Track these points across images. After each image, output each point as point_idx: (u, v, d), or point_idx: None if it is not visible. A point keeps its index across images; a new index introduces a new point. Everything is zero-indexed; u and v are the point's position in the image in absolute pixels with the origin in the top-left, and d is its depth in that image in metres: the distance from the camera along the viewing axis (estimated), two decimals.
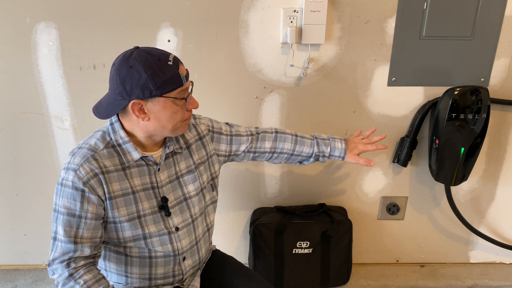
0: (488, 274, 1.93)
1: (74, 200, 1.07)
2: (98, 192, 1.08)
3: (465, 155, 1.62)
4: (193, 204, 1.24)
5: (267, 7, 1.51)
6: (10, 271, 1.94)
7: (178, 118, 1.10)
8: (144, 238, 1.16)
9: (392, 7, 1.52)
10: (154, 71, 1.02)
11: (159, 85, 1.03)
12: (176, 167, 1.22)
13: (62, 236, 1.08)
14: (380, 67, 1.61)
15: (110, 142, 1.12)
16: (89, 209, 1.07)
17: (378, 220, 1.89)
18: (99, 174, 1.08)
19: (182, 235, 1.22)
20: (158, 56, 1.04)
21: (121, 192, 1.12)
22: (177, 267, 1.24)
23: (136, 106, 1.06)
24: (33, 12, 1.51)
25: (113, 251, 1.19)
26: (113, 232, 1.14)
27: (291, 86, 1.63)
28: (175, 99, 1.07)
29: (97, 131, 1.16)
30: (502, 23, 1.54)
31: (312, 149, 1.40)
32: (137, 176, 1.14)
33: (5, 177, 1.78)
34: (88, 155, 1.08)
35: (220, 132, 1.34)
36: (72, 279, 1.07)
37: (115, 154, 1.12)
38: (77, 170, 1.06)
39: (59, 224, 1.08)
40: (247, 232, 1.85)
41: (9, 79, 1.60)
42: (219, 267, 1.39)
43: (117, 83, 1.05)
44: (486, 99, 1.56)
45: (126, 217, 1.12)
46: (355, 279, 1.89)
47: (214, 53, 1.57)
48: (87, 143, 1.12)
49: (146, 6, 1.50)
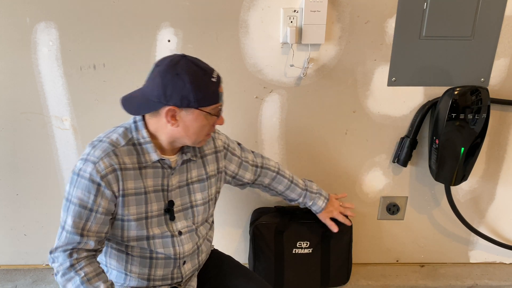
0: (488, 274, 1.93)
1: (88, 193, 1.07)
2: (113, 188, 1.08)
3: (465, 155, 1.62)
4: (198, 212, 1.25)
5: (267, 7, 1.51)
6: (10, 271, 1.94)
7: (204, 131, 1.13)
8: (147, 239, 1.16)
9: (392, 7, 1.52)
10: (198, 84, 1.04)
11: (199, 98, 1.05)
12: (188, 174, 1.23)
13: (70, 226, 1.08)
14: (380, 67, 1.61)
15: (131, 139, 1.13)
16: (101, 204, 1.08)
17: (378, 220, 1.89)
18: (117, 170, 1.08)
19: (185, 240, 1.23)
20: (204, 70, 1.07)
21: (134, 191, 1.12)
22: (176, 270, 1.24)
23: (170, 112, 1.07)
24: (33, 12, 1.51)
25: (115, 248, 1.19)
26: (119, 229, 1.14)
27: (291, 86, 1.63)
28: (208, 114, 1.09)
29: (119, 126, 1.16)
30: (502, 23, 1.54)
31: (298, 198, 1.54)
32: (151, 177, 1.15)
33: (5, 177, 1.78)
34: (109, 149, 1.09)
35: (233, 153, 1.38)
36: (73, 270, 1.07)
37: (135, 152, 1.12)
38: (96, 163, 1.06)
39: (69, 214, 1.08)
40: (247, 232, 1.85)
41: (9, 79, 1.60)
42: (217, 267, 1.39)
43: (158, 86, 1.05)
44: (486, 99, 1.56)
45: (135, 216, 1.13)
46: (355, 279, 1.89)
47: (214, 53, 1.57)
48: (108, 137, 1.12)
49: (146, 6, 1.50)
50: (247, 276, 1.36)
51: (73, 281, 1.07)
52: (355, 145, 1.74)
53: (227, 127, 1.68)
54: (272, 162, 1.51)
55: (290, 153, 1.75)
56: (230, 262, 1.42)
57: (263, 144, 1.73)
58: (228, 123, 1.68)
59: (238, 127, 1.69)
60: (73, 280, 1.07)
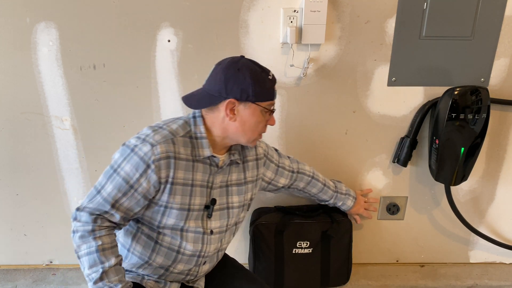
0: (488, 274, 1.93)
1: (135, 170, 1.10)
2: (161, 173, 1.11)
3: (465, 155, 1.62)
4: (233, 214, 1.29)
5: (267, 7, 1.51)
6: (10, 271, 1.94)
7: (259, 128, 1.17)
8: (181, 230, 1.19)
9: (392, 7, 1.52)
10: (257, 79, 1.12)
11: (257, 93, 1.12)
12: (229, 176, 1.26)
13: (106, 193, 1.11)
14: (380, 67, 1.61)
15: (189, 132, 1.17)
16: (142, 185, 1.11)
17: (378, 220, 1.89)
18: (171, 158, 1.12)
19: (214, 240, 1.26)
20: (262, 69, 1.15)
21: (183, 181, 1.15)
22: (194, 268, 1.27)
23: (230, 105, 1.12)
24: (33, 12, 1.51)
25: (145, 234, 1.21)
26: (159, 214, 1.17)
27: (291, 86, 1.63)
28: (264, 109, 1.14)
29: (178, 118, 1.20)
30: (502, 23, 1.54)
31: (329, 199, 1.65)
32: (200, 172, 1.19)
33: (5, 177, 1.78)
34: (169, 137, 1.13)
35: (271, 160, 1.44)
36: (93, 235, 1.10)
37: (190, 145, 1.16)
38: (154, 146, 1.10)
39: (110, 182, 1.11)
40: (247, 232, 1.85)
41: (9, 79, 1.60)
42: (221, 268, 1.41)
43: (220, 81, 1.12)
44: (486, 99, 1.56)
45: (178, 205, 1.16)
46: (355, 279, 1.89)
47: (214, 53, 1.57)
48: (168, 126, 1.16)
49: (146, 6, 1.50)
50: (250, 279, 1.38)
51: (89, 245, 1.10)
52: (355, 145, 1.74)
53: None
54: (307, 167, 1.59)
55: (290, 153, 1.75)
56: (234, 265, 1.45)
57: None
58: None
59: None
60: (89, 244, 1.10)
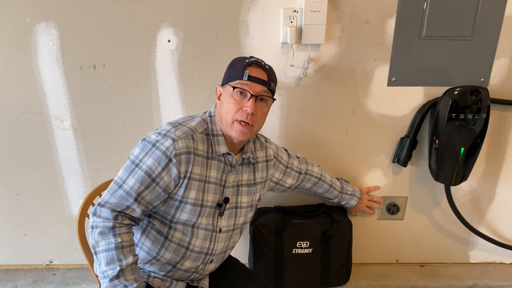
0: (488, 274, 1.93)
1: (158, 164, 1.11)
2: (181, 168, 1.13)
3: (465, 155, 1.62)
4: (241, 214, 1.30)
5: (267, 7, 1.51)
6: (10, 271, 1.94)
7: (231, 110, 1.16)
8: (192, 226, 1.21)
9: (392, 7, 1.52)
10: (232, 63, 1.20)
11: (229, 73, 1.19)
12: (240, 176, 1.28)
13: (129, 187, 1.12)
14: (380, 67, 1.61)
15: (207, 129, 1.21)
16: (164, 178, 1.12)
17: (378, 220, 1.89)
18: (191, 153, 1.14)
19: (222, 238, 1.27)
20: (246, 57, 1.20)
21: (199, 177, 1.18)
22: (202, 266, 1.28)
23: (218, 91, 1.22)
24: (33, 12, 1.51)
25: (156, 229, 1.22)
26: (173, 208, 1.18)
27: (291, 86, 1.63)
28: (232, 88, 1.16)
29: (195, 116, 1.24)
30: (502, 23, 1.54)
31: (333, 198, 1.69)
32: (215, 169, 1.21)
33: (5, 177, 1.78)
34: (189, 133, 1.16)
35: (280, 161, 1.45)
36: (112, 232, 1.11)
37: (207, 142, 1.19)
38: (176, 141, 1.12)
39: (133, 176, 1.12)
40: (247, 232, 1.85)
41: (9, 79, 1.60)
42: (224, 267, 1.42)
43: None
44: (486, 99, 1.56)
45: (192, 200, 1.18)
46: (355, 279, 1.89)
47: (214, 53, 1.57)
48: (187, 123, 1.19)
49: (146, 6, 1.50)
50: (252, 278, 1.40)
51: (108, 241, 1.10)
52: (355, 145, 1.74)
53: None
54: (315, 168, 1.61)
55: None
56: (236, 264, 1.47)
57: None
58: None
59: None
60: (108, 241, 1.10)
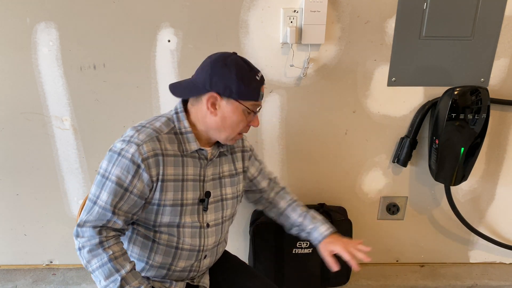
0: (488, 274, 1.93)
1: (127, 172, 1.09)
2: (152, 172, 1.11)
3: (465, 155, 1.62)
4: (227, 206, 1.28)
5: (267, 7, 1.51)
6: (10, 271, 1.94)
7: (239, 128, 1.15)
8: (177, 227, 1.19)
9: (392, 7, 1.52)
10: (242, 77, 1.10)
11: (241, 90, 1.10)
12: (220, 168, 1.26)
13: (104, 202, 1.10)
14: (380, 67, 1.61)
15: (173, 128, 1.17)
16: (137, 185, 1.10)
17: (378, 220, 1.89)
18: (159, 155, 1.11)
19: (211, 233, 1.25)
20: (251, 68, 1.13)
21: (173, 177, 1.15)
22: (196, 263, 1.27)
23: (212, 99, 1.12)
24: (33, 12, 1.51)
25: (142, 235, 1.21)
26: (153, 214, 1.16)
27: (291, 86, 1.63)
28: (246, 108, 1.13)
29: (160, 116, 1.20)
30: (502, 23, 1.54)
31: (297, 217, 1.38)
32: (191, 166, 1.18)
33: (5, 177, 1.78)
34: (153, 135, 1.12)
35: (256, 158, 1.42)
36: (102, 247, 1.09)
37: (176, 141, 1.16)
38: (140, 145, 1.09)
39: (104, 190, 1.10)
40: (247, 232, 1.85)
41: (9, 79, 1.60)
42: (223, 264, 1.42)
43: (206, 73, 1.12)
44: (486, 99, 1.56)
45: (171, 202, 1.15)
46: (355, 279, 1.89)
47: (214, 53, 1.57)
48: (151, 124, 1.15)
49: (146, 6, 1.50)
50: (252, 275, 1.39)
51: (100, 257, 1.09)
52: (355, 145, 1.74)
53: None
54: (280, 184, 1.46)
55: (290, 153, 1.75)
56: (236, 261, 1.46)
57: (263, 144, 1.73)
58: None
59: None
60: (100, 257, 1.09)
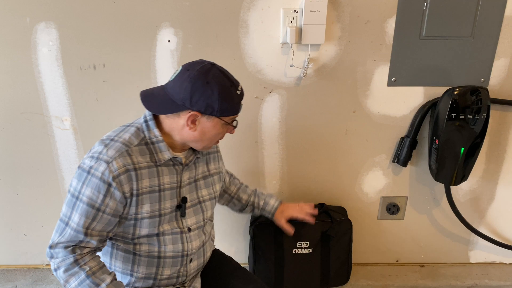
0: (488, 274, 1.93)
1: (98, 192, 1.05)
2: (124, 188, 1.07)
3: (465, 155, 1.62)
4: (207, 208, 1.28)
5: (267, 7, 1.51)
6: (10, 271, 1.94)
7: (217, 138, 1.17)
8: (157, 235, 1.17)
9: (392, 7, 1.52)
10: (225, 95, 1.07)
11: (223, 108, 1.08)
12: (196, 171, 1.25)
13: (76, 224, 1.07)
14: (380, 67, 1.61)
15: (144, 139, 1.13)
16: (109, 204, 1.07)
17: (378, 220, 1.89)
18: (131, 171, 1.08)
19: (194, 237, 1.24)
20: (232, 82, 1.10)
21: (149, 189, 1.12)
22: (183, 268, 1.25)
23: (192, 117, 1.09)
24: (33, 12, 1.51)
25: (122, 249, 1.19)
26: (131, 228, 1.14)
27: (291, 86, 1.63)
28: (225, 123, 1.13)
29: (129, 126, 1.15)
30: (502, 23, 1.54)
31: (248, 198, 1.53)
32: (167, 175, 1.16)
33: (5, 177, 1.78)
34: (123, 149, 1.08)
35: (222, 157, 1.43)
36: (77, 265, 1.07)
37: (148, 151, 1.12)
38: (110, 163, 1.05)
39: (76, 211, 1.07)
40: (247, 232, 1.85)
41: (9, 79, 1.60)
42: (217, 267, 1.40)
43: (185, 90, 1.06)
44: (486, 99, 1.56)
45: (148, 214, 1.13)
46: (355, 279, 1.89)
47: (214, 53, 1.57)
48: (120, 137, 1.11)
49: (146, 6, 1.50)
50: (247, 278, 1.36)
51: (77, 275, 1.07)
52: (355, 145, 1.74)
53: None
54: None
55: (290, 153, 1.75)
56: (230, 264, 1.43)
57: (263, 144, 1.73)
58: None
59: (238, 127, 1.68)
60: (77, 275, 1.07)
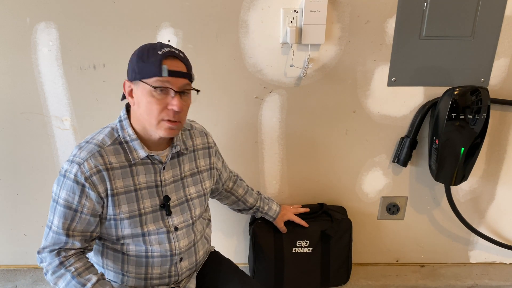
0: (488, 274, 1.93)
1: (73, 193, 1.08)
2: (98, 189, 1.09)
3: (465, 155, 1.62)
4: (194, 206, 1.26)
5: (267, 7, 1.51)
6: (10, 271, 1.94)
7: (154, 111, 1.07)
8: (142, 236, 1.16)
9: (392, 7, 1.52)
10: (141, 55, 1.07)
11: (140, 68, 1.06)
12: (181, 168, 1.23)
13: (56, 226, 1.10)
14: (380, 67, 1.61)
15: (118, 138, 1.14)
16: (86, 205, 1.09)
17: (378, 220, 1.89)
18: (103, 171, 1.09)
19: (181, 236, 1.23)
20: (155, 46, 1.07)
21: (124, 189, 1.12)
22: (173, 267, 1.24)
23: (127, 87, 1.11)
24: (33, 12, 1.51)
25: (111, 248, 1.19)
26: (112, 229, 1.14)
27: (291, 86, 1.63)
28: (151, 88, 1.05)
29: (106, 127, 1.17)
30: (502, 23, 1.54)
31: (254, 202, 1.59)
32: (142, 174, 1.15)
33: (5, 177, 1.78)
34: (95, 150, 1.10)
35: (219, 152, 1.43)
36: (63, 267, 1.09)
37: (122, 151, 1.13)
38: (81, 164, 1.08)
39: (55, 215, 1.10)
40: (247, 232, 1.85)
41: (9, 79, 1.60)
42: (215, 269, 1.39)
43: None
44: (486, 99, 1.56)
45: (127, 214, 1.13)
46: (355, 279, 1.89)
47: (214, 53, 1.57)
48: (94, 138, 1.13)
49: (146, 6, 1.51)
50: (244, 281, 1.35)
51: (64, 277, 1.09)
52: (355, 145, 1.74)
53: (228, 127, 1.68)
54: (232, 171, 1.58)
55: (290, 153, 1.75)
56: (228, 266, 1.42)
57: (263, 144, 1.73)
58: (228, 123, 1.68)
59: (238, 127, 1.69)
60: (64, 277, 1.09)
